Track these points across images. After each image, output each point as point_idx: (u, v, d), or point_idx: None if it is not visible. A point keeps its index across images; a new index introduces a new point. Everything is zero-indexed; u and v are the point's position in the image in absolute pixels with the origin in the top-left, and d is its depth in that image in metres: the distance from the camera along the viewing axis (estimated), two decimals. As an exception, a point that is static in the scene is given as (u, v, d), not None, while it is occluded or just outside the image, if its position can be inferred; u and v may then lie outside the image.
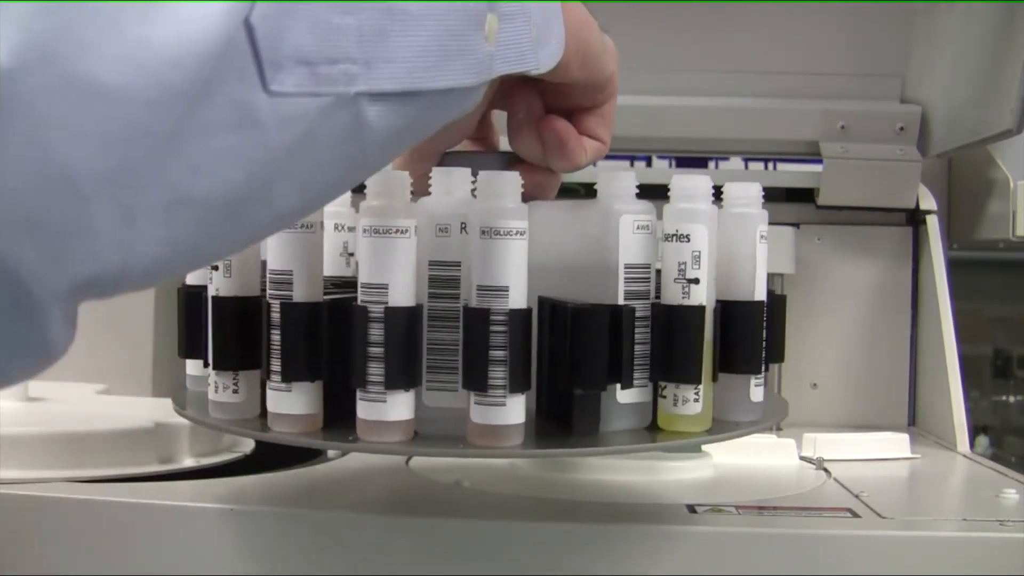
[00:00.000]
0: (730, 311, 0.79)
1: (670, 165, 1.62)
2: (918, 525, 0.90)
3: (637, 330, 0.74)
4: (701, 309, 0.75)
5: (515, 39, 0.56)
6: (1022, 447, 1.66)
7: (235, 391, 0.77)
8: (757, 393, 0.81)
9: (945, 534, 0.87)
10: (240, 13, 0.39)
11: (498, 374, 0.69)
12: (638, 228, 0.76)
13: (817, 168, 1.41)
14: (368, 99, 0.46)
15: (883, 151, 1.39)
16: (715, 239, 0.78)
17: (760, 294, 0.81)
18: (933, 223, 1.37)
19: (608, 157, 1.60)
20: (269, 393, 0.74)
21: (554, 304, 0.72)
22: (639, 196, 0.79)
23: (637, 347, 0.74)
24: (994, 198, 1.45)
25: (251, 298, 0.76)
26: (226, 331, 0.76)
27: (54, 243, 0.37)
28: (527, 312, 0.70)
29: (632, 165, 1.65)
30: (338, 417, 0.74)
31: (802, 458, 1.14)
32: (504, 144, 0.83)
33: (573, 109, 0.76)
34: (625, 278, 0.75)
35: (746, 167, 1.65)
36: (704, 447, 1.09)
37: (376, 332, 0.69)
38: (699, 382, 0.76)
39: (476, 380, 0.69)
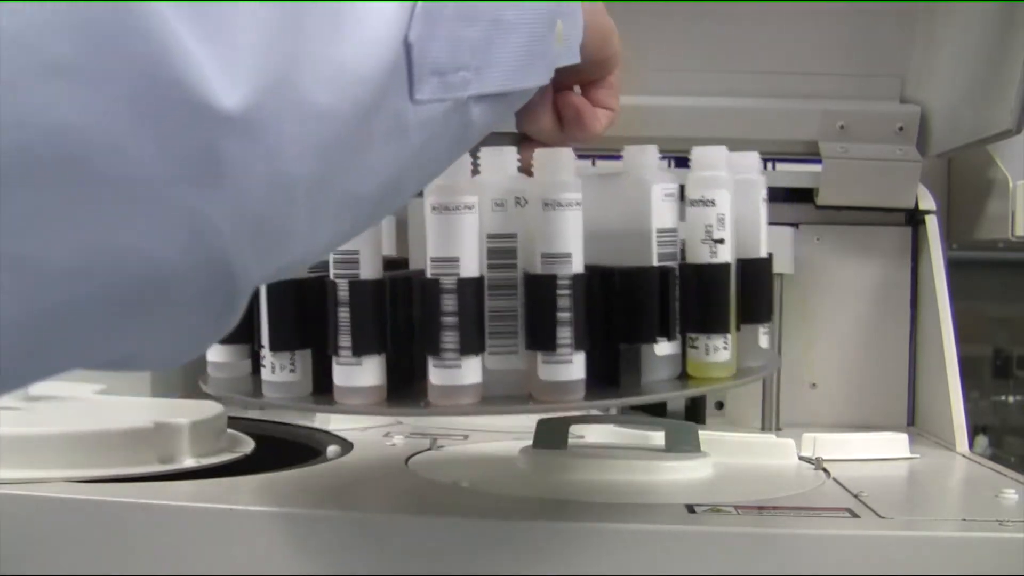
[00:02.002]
0: (745, 268, 0.86)
1: (669, 165, 1.62)
2: (917, 525, 0.90)
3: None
4: (727, 266, 0.83)
5: (569, 36, 0.63)
6: (1022, 447, 1.66)
7: (292, 371, 0.81)
8: (764, 341, 0.91)
9: (944, 534, 0.87)
10: (402, 32, 0.45)
11: (565, 334, 0.75)
12: (666, 196, 0.83)
13: (816, 168, 1.41)
14: (475, 101, 0.51)
15: (882, 151, 1.39)
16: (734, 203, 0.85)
17: (765, 252, 0.89)
18: (932, 223, 1.37)
19: (606, 157, 1.61)
20: (337, 369, 0.78)
21: (603, 270, 0.78)
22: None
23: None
24: (993, 198, 1.45)
25: (304, 280, 0.79)
26: (284, 313, 0.80)
27: (267, 243, 0.42)
28: (587, 276, 0.76)
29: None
30: (396, 388, 0.79)
31: (801, 458, 1.14)
32: None
33: (583, 83, 0.79)
34: (658, 241, 0.82)
35: (745, 167, 1.65)
36: (703, 447, 1.09)
37: (449, 302, 0.74)
38: (728, 331, 0.84)
39: (544, 341, 0.76)
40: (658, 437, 1.12)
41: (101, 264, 0.36)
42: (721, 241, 0.83)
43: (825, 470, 1.09)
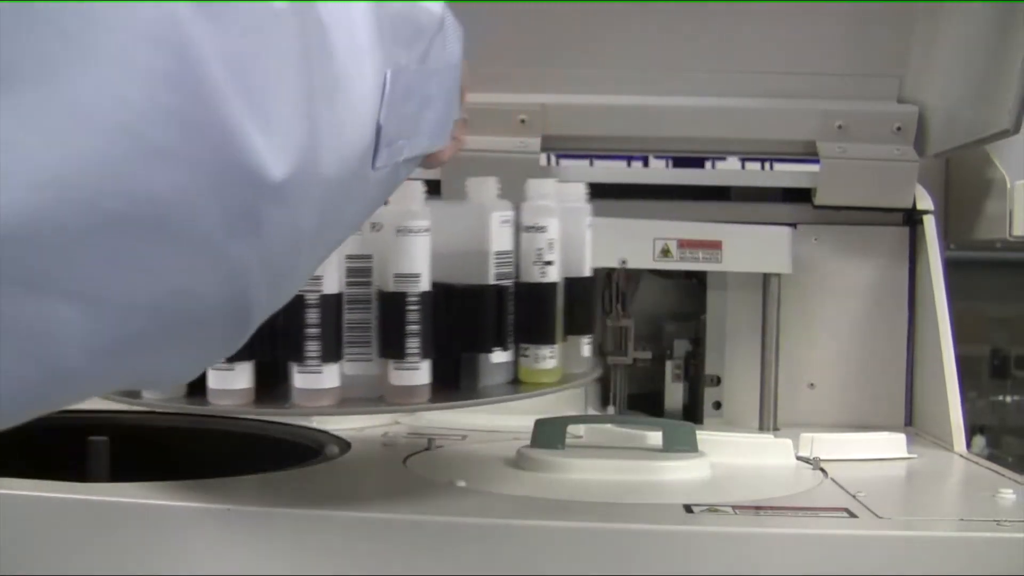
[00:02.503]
0: (571, 286, 1.01)
1: (667, 165, 1.62)
2: (915, 525, 0.90)
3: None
4: (555, 285, 0.97)
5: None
6: (1019, 447, 1.66)
7: None
8: (587, 350, 1.05)
9: (942, 534, 0.87)
10: (376, 113, 0.56)
11: (414, 344, 0.88)
12: (503, 222, 0.95)
13: (814, 168, 1.41)
14: (404, 162, 0.63)
15: (880, 151, 1.39)
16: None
17: (589, 272, 1.03)
18: (930, 223, 1.37)
19: (605, 157, 1.61)
20: (212, 374, 0.86)
21: (448, 287, 0.90)
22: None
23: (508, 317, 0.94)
24: (991, 198, 1.45)
25: None
26: None
27: (278, 285, 0.52)
28: (433, 293, 0.88)
29: (629, 165, 1.65)
30: (265, 390, 0.89)
31: (799, 458, 1.14)
32: None
33: None
34: (495, 262, 0.94)
35: (743, 167, 1.65)
36: (701, 447, 1.09)
37: (312, 315, 0.84)
38: (555, 342, 0.98)
39: (395, 350, 0.88)
40: (656, 437, 1.12)
41: (164, 303, 0.45)
42: (550, 263, 0.96)
43: (823, 470, 1.09)
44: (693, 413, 1.48)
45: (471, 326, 0.92)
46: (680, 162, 1.60)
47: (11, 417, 0.46)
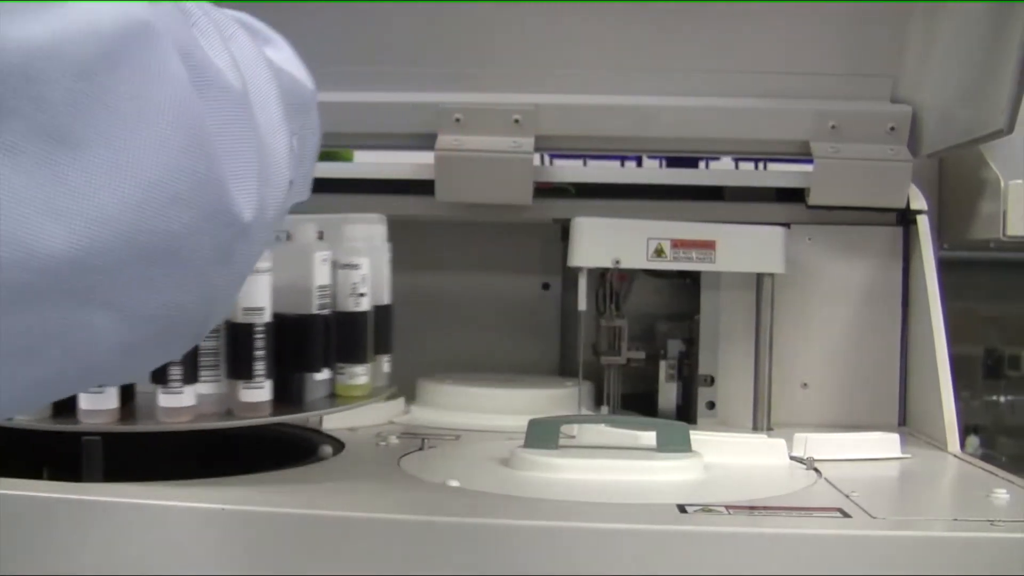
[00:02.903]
0: (376, 313, 1.17)
1: (661, 165, 1.62)
2: (909, 525, 0.90)
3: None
4: (367, 313, 1.13)
5: None
6: (1013, 447, 1.66)
7: None
8: (387, 367, 1.22)
9: (936, 534, 0.87)
10: (289, 175, 0.66)
11: (260, 367, 1.04)
12: (323, 261, 1.10)
13: (808, 168, 1.41)
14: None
15: (874, 151, 1.39)
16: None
17: (389, 300, 1.21)
18: (924, 223, 1.37)
19: (598, 157, 1.62)
20: (82, 396, 0.99)
21: (282, 317, 1.06)
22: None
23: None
24: (985, 198, 1.45)
25: None
26: None
27: (226, 308, 0.67)
28: (274, 323, 1.04)
29: (622, 165, 1.65)
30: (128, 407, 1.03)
31: (792, 458, 1.14)
32: None
33: None
34: (318, 295, 1.09)
35: (736, 167, 1.65)
36: (694, 447, 1.09)
37: None
38: (367, 362, 1.15)
39: (244, 372, 1.04)
40: (649, 437, 1.12)
41: (164, 314, 0.56)
42: (363, 295, 1.12)
43: (816, 470, 1.09)
44: (687, 413, 1.48)
45: (302, 350, 1.08)
46: (674, 162, 1.61)
47: (35, 404, 0.66)
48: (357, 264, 1.12)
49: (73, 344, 0.53)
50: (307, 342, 1.08)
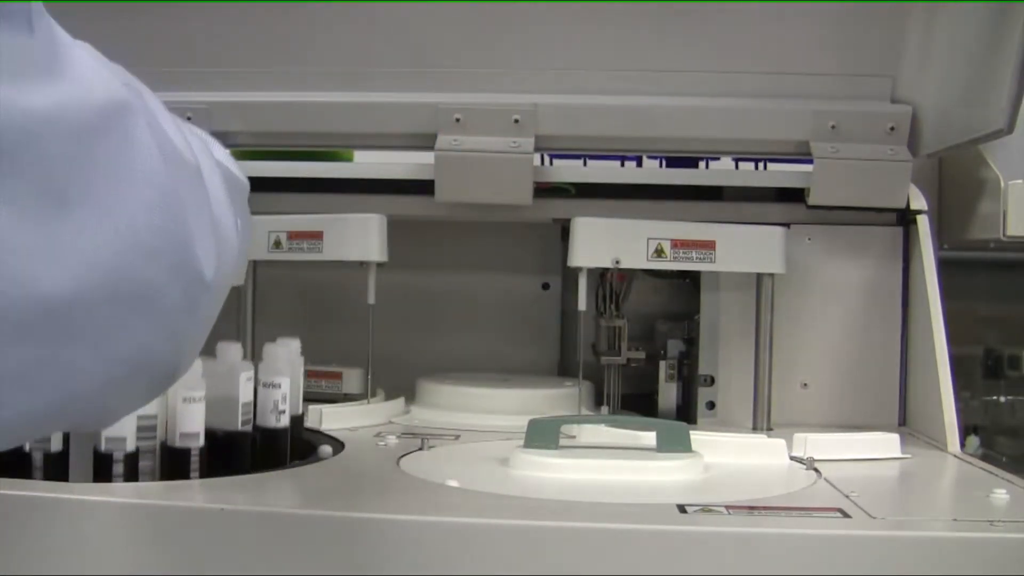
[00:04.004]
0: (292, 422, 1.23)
1: (660, 165, 1.62)
2: (908, 525, 0.90)
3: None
4: (287, 428, 1.18)
5: None
6: (1013, 447, 1.66)
7: None
8: None
9: (935, 534, 0.87)
10: (240, 245, 0.74)
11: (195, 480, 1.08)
12: (247, 380, 1.15)
13: (808, 168, 1.41)
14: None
15: (874, 151, 1.39)
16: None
17: (300, 410, 1.27)
18: (924, 223, 1.37)
19: (599, 157, 1.61)
20: None
21: (213, 432, 1.10)
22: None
23: None
24: (985, 198, 1.45)
25: None
26: None
27: (192, 358, 0.69)
28: (208, 442, 1.08)
29: (622, 165, 1.65)
30: None
31: (792, 458, 1.14)
32: None
33: None
34: (242, 411, 1.13)
35: (737, 167, 1.65)
36: (694, 448, 1.09)
37: (118, 469, 1.03)
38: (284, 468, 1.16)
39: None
40: (649, 437, 1.12)
41: (138, 357, 0.62)
42: (284, 412, 1.18)
43: (816, 470, 1.09)
44: (687, 413, 1.48)
45: (230, 463, 1.10)
46: (673, 162, 1.61)
47: (25, 436, 0.65)
48: (278, 383, 1.17)
49: (61, 379, 0.58)
50: (234, 456, 1.12)
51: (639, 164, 1.65)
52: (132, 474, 1.03)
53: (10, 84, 0.53)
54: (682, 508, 0.90)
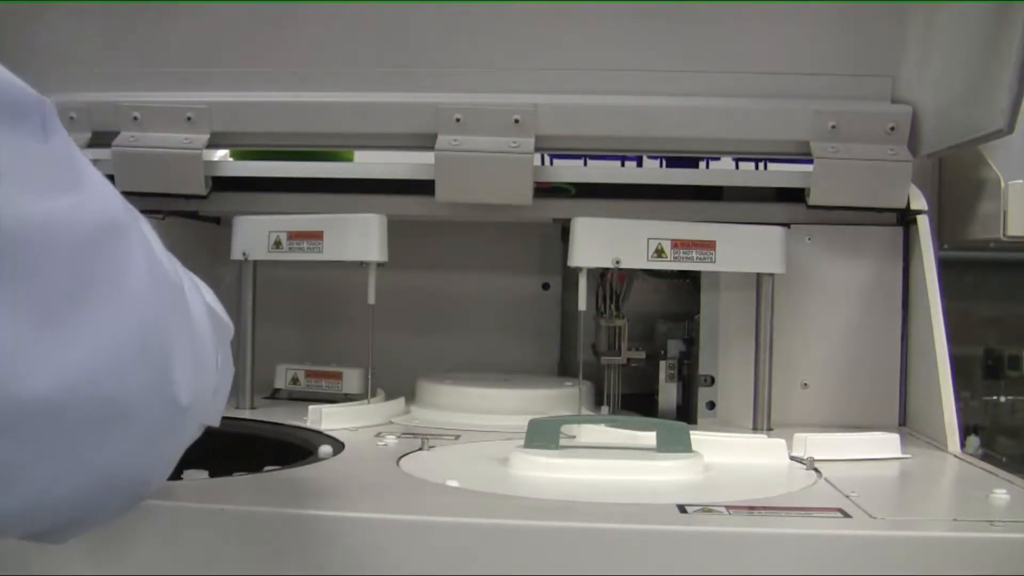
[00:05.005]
0: None
1: (661, 165, 1.62)
2: (908, 525, 0.90)
3: None
4: None
5: None
6: (1013, 447, 1.66)
7: None
8: None
9: (935, 534, 0.87)
10: (215, 379, 0.78)
11: None
12: None
13: (808, 168, 1.41)
14: (199, 426, 0.79)
15: (874, 151, 1.39)
16: None
17: None
18: (924, 223, 1.37)
19: (599, 157, 1.62)
20: None
21: None
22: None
23: None
24: (985, 198, 1.45)
25: None
26: None
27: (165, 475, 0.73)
28: None
29: (623, 165, 1.65)
30: None
31: (792, 458, 1.14)
32: None
33: None
34: None
35: (736, 167, 1.65)
36: (694, 448, 1.09)
37: None
38: None
39: None
40: (649, 437, 1.11)
41: (113, 471, 0.65)
42: None
43: (816, 470, 1.09)
44: (687, 413, 1.48)
45: None
46: (674, 162, 1.61)
47: (9, 534, 0.67)
48: None
49: (33, 481, 0.60)
50: None
51: (639, 164, 1.65)
52: None
53: (19, 188, 0.54)
54: (682, 508, 0.90)
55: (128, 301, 0.62)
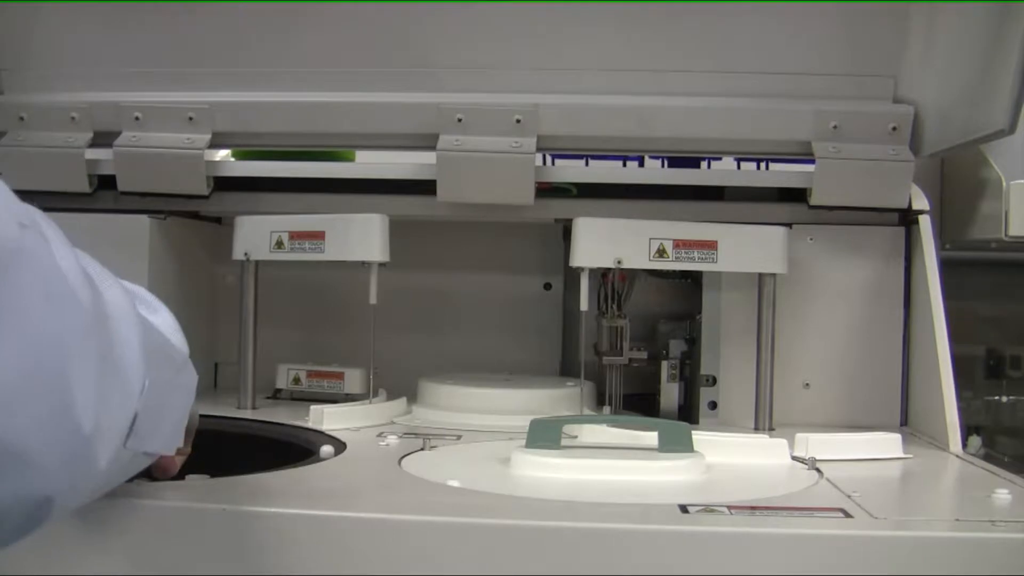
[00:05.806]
0: None
1: (662, 165, 1.62)
2: (910, 525, 0.90)
3: None
4: None
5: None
6: (1014, 447, 1.66)
7: None
8: None
9: (937, 534, 0.87)
10: (135, 406, 0.77)
11: None
12: None
13: (809, 168, 1.41)
14: (143, 454, 0.83)
15: (875, 151, 1.39)
16: None
17: None
18: (925, 223, 1.37)
19: (601, 157, 1.62)
20: None
21: None
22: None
23: None
24: (986, 198, 1.45)
25: None
26: None
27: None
28: None
29: (624, 165, 1.65)
30: None
31: (794, 458, 1.14)
32: None
33: None
34: None
35: (738, 167, 1.65)
36: (696, 448, 1.09)
37: None
38: None
39: None
40: (651, 437, 1.11)
41: (6, 505, 0.64)
42: None
43: (818, 470, 1.09)
44: (689, 413, 1.48)
45: None
46: (675, 162, 1.61)
47: None
48: None
49: None
50: None
51: (641, 164, 1.65)
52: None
53: None
54: (684, 508, 0.90)
55: (18, 331, 0.60)
